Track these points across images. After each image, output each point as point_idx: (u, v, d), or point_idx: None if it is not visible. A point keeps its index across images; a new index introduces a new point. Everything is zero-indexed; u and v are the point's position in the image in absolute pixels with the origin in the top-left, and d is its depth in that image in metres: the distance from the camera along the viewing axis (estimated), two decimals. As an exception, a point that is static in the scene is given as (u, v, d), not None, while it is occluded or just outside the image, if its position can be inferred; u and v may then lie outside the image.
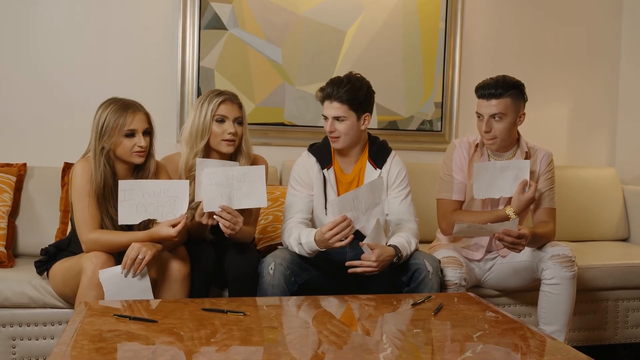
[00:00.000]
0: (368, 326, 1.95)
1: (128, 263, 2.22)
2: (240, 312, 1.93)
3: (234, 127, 2.54)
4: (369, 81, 2.57)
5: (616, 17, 4.07)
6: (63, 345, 1.61)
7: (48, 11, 3.23)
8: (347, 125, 2.51)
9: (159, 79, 3.37)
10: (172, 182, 2.37)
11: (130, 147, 2.36)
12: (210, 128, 2.54)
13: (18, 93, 3.22)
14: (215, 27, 3.41)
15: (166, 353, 1.58)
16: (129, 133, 2.35)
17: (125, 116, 2.35)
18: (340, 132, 2.52)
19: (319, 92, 2.56)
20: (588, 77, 4.05)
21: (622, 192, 3.83)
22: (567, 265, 2.56)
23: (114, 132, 2.34)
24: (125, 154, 2.38)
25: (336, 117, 2.51)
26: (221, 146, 2.54)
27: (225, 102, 2.56)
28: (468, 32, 3.80)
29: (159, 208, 2.32)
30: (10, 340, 2.48)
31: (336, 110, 2.50)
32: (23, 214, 2.96)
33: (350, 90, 2.49)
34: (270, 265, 2.36)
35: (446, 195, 2.76)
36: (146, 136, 2.40)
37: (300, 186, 2.60)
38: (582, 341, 3.05)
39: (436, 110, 3.76)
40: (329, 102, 2.51)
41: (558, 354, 1.70)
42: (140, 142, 2.36)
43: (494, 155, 2.74)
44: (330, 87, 2.50)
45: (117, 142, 2.35)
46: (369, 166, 2.60)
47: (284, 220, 2.59)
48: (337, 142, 2.54)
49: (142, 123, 2.38)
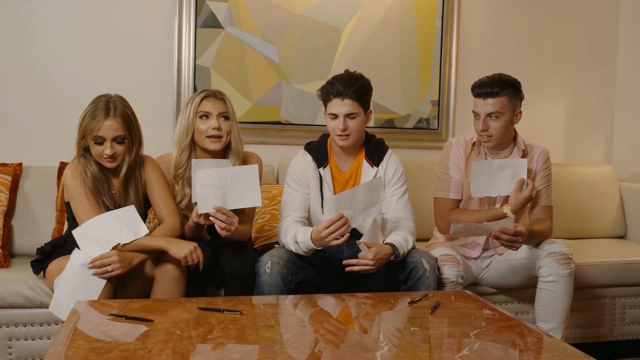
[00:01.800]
0: (365, 324, 1.95)
1: (97, 264, 2.21)
2: (237, 311, 1.93)
3: (218, 122, 2.53)
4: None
5: (613, 15, 4.08)
6: (59, 346, 1.61)
7: (44, 10, 3.22)
8: (358, 122, 2.50)
9: (155, 77, 3.37)
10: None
11: (99, 153, 2.35)
12: (194, 125, 2.54)
13: (14, 92, 3.21)
14: (212, 26, 3.40)
15: (162, 353, 1.58)
16: (97, 140, 2.34)
17: (96, 122, 2.32)
18: (351, 130, 2.49)
19: (325, 90, 2.51)
20: (585, 75, 4.06)
21: (619, 189, 3.83)
22: (564, 263, 2.55)
23: (88, 135, 2.34)
24: (97, 157, 2.38)
25: (349, 115, 2.48)
26: (206, 143, 2.54)
27: (207, 99, 2.56)
28: (465, 30, 3.79)
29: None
30: (6, 341, 2.47)
31: (349, 107, 2.47)
32: (19, 214, 2.95)
33: (361, 86, 2.49)
34: (267, 264, 2.36)
35: (443, 194, 2.76)
36: (119, 144, 2.36)
37: (296, 184, 2.60)
38: (579, 338, 3.05)
39: (433, 108, 3.75)
40: (340, 100, 2.47)
41: (555, 351, 1.70)
42: (106, 150, 2.34)
43: (490, 154, 2.73)
44: (340, 84, 2.46)
45: (90, 145, 2.36)
46: (366, 164, 2.60)
47: (280, 219, 2.58)
48: (347, 139, 2.51)
49: (110, 131, 2.33)
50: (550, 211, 2.76)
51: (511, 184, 2.61)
